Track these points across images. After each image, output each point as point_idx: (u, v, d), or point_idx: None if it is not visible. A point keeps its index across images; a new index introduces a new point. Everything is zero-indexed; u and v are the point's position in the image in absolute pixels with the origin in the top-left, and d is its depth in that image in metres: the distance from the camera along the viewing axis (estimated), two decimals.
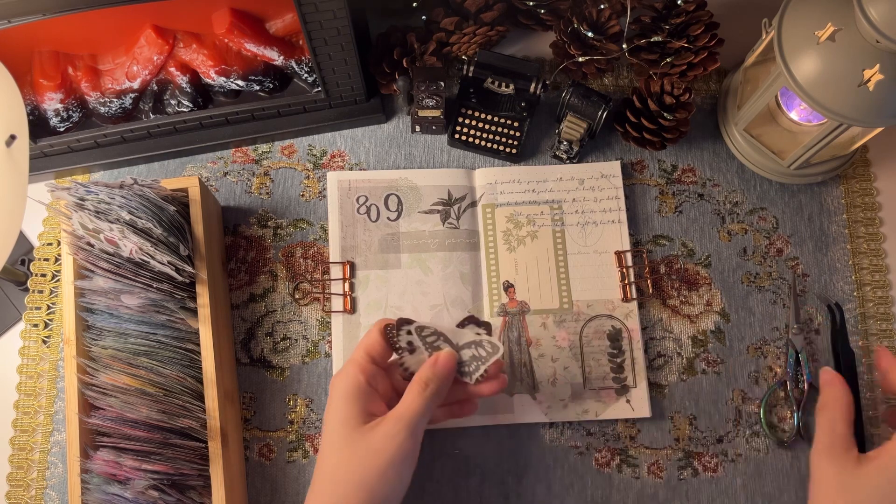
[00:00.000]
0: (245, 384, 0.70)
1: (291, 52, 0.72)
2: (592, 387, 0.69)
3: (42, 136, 0.72)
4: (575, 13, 0.74)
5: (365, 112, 0.76)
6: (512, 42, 0.81)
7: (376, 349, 0.57)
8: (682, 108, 0.72)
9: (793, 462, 0.69)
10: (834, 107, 0.60)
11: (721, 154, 0.77)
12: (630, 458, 0.69)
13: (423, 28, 0.76)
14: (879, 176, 0.77)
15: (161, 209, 0.62)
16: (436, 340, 0.58)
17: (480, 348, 0.57)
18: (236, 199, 0.75)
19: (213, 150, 0.76)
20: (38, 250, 0.74)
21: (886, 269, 0.74)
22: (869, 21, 0.55)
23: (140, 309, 0.62)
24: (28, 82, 0.70)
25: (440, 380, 0.55)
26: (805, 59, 0.61)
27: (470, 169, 0.75)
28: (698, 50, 0.73)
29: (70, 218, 0.60)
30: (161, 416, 0.60)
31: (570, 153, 0.75)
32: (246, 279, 0.73)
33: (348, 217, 0.73)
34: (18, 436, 0.70)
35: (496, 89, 0.75)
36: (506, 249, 0.73)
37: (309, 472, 0.68)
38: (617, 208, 0.74)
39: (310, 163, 0.76)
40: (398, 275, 0.72)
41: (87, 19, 0.63)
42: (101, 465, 0.59)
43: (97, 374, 0.61)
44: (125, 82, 0.71)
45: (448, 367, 0.56)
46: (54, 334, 0.72)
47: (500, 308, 0.71)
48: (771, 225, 0.75)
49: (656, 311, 0.72)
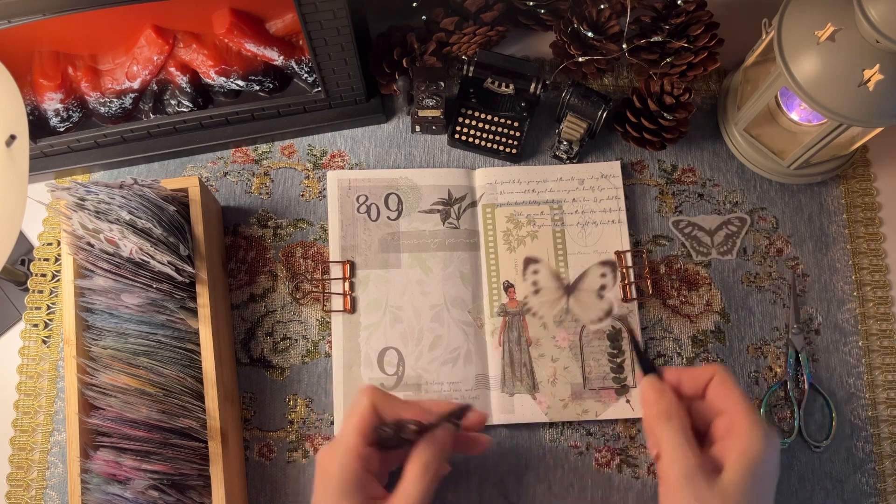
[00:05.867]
0: (245, 384, 0.70)
1: (291, 52, 0.72)
2: (592, 387, 0.69)
3: (42, 136, 0.72)
4: (575, 13, 0.74)
5: (365, 112, 0.76)
6: (512, 42, 0.81)
7: (368, 427, 0.55)
8: (682, 108, 0.72)
9: (792, 462, 0.69)
10: (834, 107, 0.60)
11: (721, 154, 0.77)
12: (630, 458, 0.69)
13: (423, 28, 0.76)
14: (879, 176, 0.77)
15: (161, 209, 0.62)
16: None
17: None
18: (236, 199, 0.75)
19: (213, 150, 0.76)
20: (38, 250, 0.74)
21: (886, 269, 0.74)
22: (869, 21, 0.55)
23: (140, 309, 0.62)
24: (28, 82, 0.70)
25: (439, 461, 0.55)
26: (805, 59, 0.61)
27: (470, 169, 0.75)
28: (698, 50, 0.73)
29: (70, 218, 0.60)
30: (161, 416, 0.60)
31: (570, 153, 0.75)
32: (246, 279, 0.73)
33: (348, 216, 0.73)
34: (18, 436, 0.70)
35: (496, 89, 0.75)
36: (506, 249, 0.73)
37: (309, 472, 0.68)
38: (617, 208, 0.74)
39: (310, 163, 0.76)
40: (398, 274, 0.72)
41: (87, 19, 0.63)
42: (101, 465, 0.59)
43: (97, 374, 0.61)
44: (125, 82, 0.72)
45: (447, 444, 0.55)
46: (54, 334, 0.72)
47: (500, 308, 0.71)
48: (771, 225, 0.75)
49: (656, 311, 0.72)
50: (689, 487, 0.52)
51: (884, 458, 0.69)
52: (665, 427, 0.55)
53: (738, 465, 0.53)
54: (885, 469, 0.69)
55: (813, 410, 0.70)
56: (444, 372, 0.69)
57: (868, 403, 0.70)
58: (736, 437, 0.53)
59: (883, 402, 0.70)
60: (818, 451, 0.69)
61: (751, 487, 0.52)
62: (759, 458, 0.53)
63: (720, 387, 0.55)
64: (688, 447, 0.53)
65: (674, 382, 0.57)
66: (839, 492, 0.68)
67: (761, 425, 0.54)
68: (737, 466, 0.53)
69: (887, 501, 0.68)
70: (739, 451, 0.53)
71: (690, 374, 0.57)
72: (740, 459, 0.53)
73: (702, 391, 0.57)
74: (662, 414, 0.55)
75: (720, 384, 0.55)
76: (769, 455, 0.53)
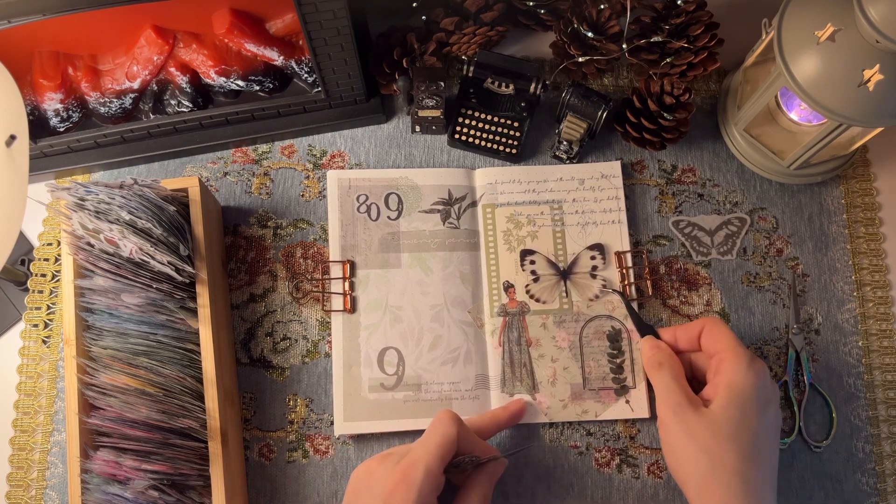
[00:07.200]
0: (245, 384, 0.70)
1: (291, 52, 0.72)
2: (592, 387, 0.69)
3: (42, 136, 0.72)
4: (575, 13, 0.74)
5: (365, 112, 0.76)
6: (512, 42, 0.81)
7: (449, 455, 0.56)
8: (681, 108, 0.72)
9: (792, 462, 0.69)
10: (834, 107, 0.60)
11: (721, 154, 0.77)
12: (630, 458, 0.69)
13: (423, 28, 0.76)
14: (879, 176, 0.77)
15: (161, 209, 0.62)
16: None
17: None
18: (236, 199, 0.75)
19: (213, 150, 0.76)
20: (38, 250, 0.74)
21: (886, 269, 0.74)
22: (869, 21, 0.55)
23: (140, 309, 0.62)
24: (28, 82, 0.70)
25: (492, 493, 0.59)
26: (805, 59, 0.61)
27: (470, 169, 0.75)
28: (698, 50, 0.73)
29: (70, 218, 0.60)
30: (161, 416, 0.60)
31: (570, 153, 0.75)
32: (246, 279, 0.73)
33: (348, 216, 0.73)
34: (18, 436, 0.70)
35: (496, 89, 0.75)
36: (506, 249, 0.73)
37: (309, 472, 0.68)
38: (617, 208, 0.74)
39: (310, 163, 0.76)
40: (398, 274, 0.72)
41: (87, 19, 0.63)
42: (101, 465, 0.59)
43: (97, 374, 0.61)
44: (125, 82, 0.72)
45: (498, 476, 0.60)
46: (54, 334, 0.72)
47: (500, 308, 0.71)
48: (771, 225, 0.75)
49: (656, 312, 0.72)
50: (676, 420, 0.57)
51: (884, 458, 0.69)
52: (656, 375, 0.60)
53: (723, 395, 0.56)
54: (885, 469, 0.69)
55: (813, 410, 0.70)
56: (444, 372, 0.69)
57: (868, 403, 0.70)
58: (723, 371, 0.57)
59: (883, 402, 0.70)
60: (818, 451, 0.69)
61: (739, 417, 0.55)
62: (744, 387, 0.56)
63: (711, 332, 0.60)
64: (675, 386, 0.58)
65: (670, 339, 0.63)
66: (839, 492, 0.68)
67: (746, 356, 0.57)
68: (723, 396, 0.56)
69: (887, 501, 0.68)
70: (726, 383, 0.57)
71: (684, 328, 0.63)
72: (726, 390, 0.56)
73: (697, 343, 0.62)
74: (654, 364, 0.61)
75: (710, 329, 0.60)
76: (757, 384, 0.57)
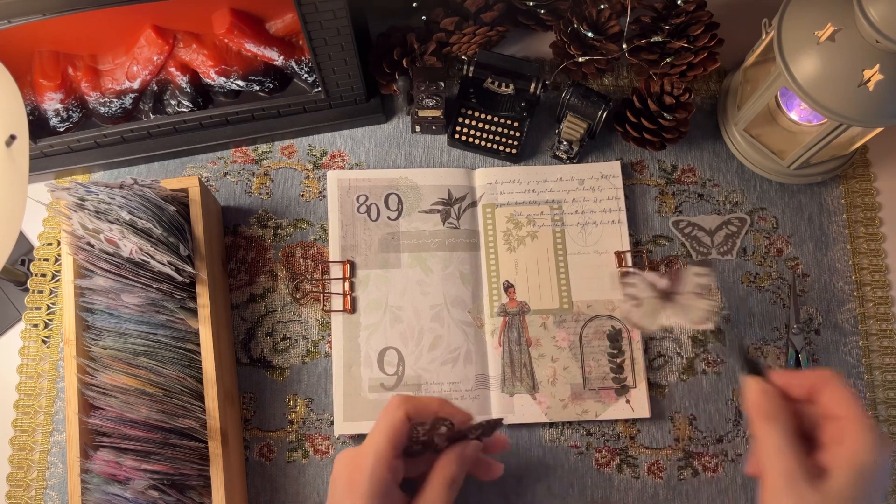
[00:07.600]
0: (245, 384, 0.70)
1: (291, 52, 0.72)
2: (592, 387, 0.69)
3: (42, 136, 0.72)
4: (575, 13, 0.74)
5: (365, 112, 0.76)
6: (512, 42, 0.81)
7: (401, 437, 0.54)
8: (681, 108, 0.72)
9: None
10: (834, 107, 0.60)
11: (721, 154, 0.77)
12: (630, 458, 0.69)
13: (423, 28, 0.76)
14: (879, 176, 0.77)
15: (161, 209, 0.62)
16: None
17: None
18: (236, 199, 0.75)
19: (213, 150, 0.76)
20: (38, 250, 0.74)
21: (886, 269, 0.74)
22: (869, 21, 0.55)
23: (140, 309, 0.62)
24: (28, 82, 0.70)
25: (462, 476, 0.55)
26: (805, 60, 0.61)
27: (470, 169, 0.75)
28: (698, 50, 0.73)
29: (70, 218, 0.60)
30: (161, 416, 0.60)
31: (570, 153, 0.75)
32: (246, 279, 0.73)
33: (348, 216, 0.73)
34: (18, 436, 0.70)
35: (496, 89, 0.75)
36: (506, 249, 0.73)
37: (309, 472, 0.68)
38: (617, 208, 0.74)
39: (310, 163, 0.76)
40: (398, 274, 0.72)
41: (87, 19, 0.63)
42: (101, 465, 0.59)
43: (97, 374, 0.61)
44: (125, 82, 0.72)
45: (471, 460, 0.56)
46: (54, 334, 0.72)
47: (500, 308, 0.71)
48: (771, 225, 0.75)
49: None
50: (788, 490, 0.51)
51: None
52: (768, 428, 0.53)
53: (845, 472, 0.51)
54: None
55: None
56: (444, 372, 0.69)
57: (868, 403, 0.70)
58: (846, 444, 0.51)
59: (883, 402, 0.70)
60: None
61: (857, 496, 0.51)
62: (868, 467, 0.51)
63: (832, 391, 0.54)
64: (790, 449, 0.52)
65: (781, 384, 0.56)
66: None
67: (874, 432, 0.52)
68: (844, 473, 0.51)
69: (888, 501, 0.68)
70: (848, 458, 0.51)
71: (798, 376, 0.56)
72: (848, 466, 0.51)
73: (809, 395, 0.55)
74: (766, 415, 0.54)
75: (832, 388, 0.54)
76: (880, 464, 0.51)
